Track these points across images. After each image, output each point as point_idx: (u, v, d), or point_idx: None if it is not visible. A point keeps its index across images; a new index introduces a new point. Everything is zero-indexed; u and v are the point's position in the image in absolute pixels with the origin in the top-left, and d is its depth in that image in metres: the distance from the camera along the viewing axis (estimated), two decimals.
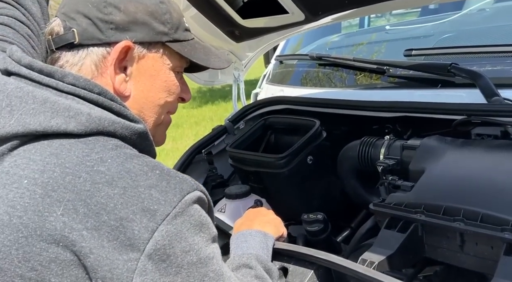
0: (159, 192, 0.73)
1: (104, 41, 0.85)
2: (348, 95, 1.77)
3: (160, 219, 0.71)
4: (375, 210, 1.24)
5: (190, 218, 0.75)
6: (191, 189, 0.77)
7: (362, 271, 0.94)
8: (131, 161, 0.76)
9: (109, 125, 0.79)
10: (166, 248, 0.72)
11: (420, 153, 1.33)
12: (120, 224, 0.70)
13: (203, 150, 1.90)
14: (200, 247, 0.76)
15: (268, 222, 1.15)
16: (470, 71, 1.38)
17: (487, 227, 1.03)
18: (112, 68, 0.86)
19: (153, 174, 0.75)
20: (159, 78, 0.91)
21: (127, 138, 0.81)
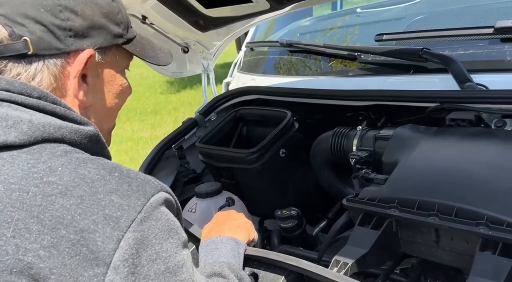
0: (121, 197, 0.68)
1: (64, 50, 0.77)
2: (321, 83, 1.71)
3: (125, 226, 0.66)
4: (349, 206, 1.20)
5: (157, 223, 0.70)
6: (156, 190, 0.72)
7: (333, 277, 0.90)
8: (85, 165, 0.70)
9: (55, 131, 0.72)
10: (134, 258, 0.66)
11: (393, 144, 1.29)
12: (81, 236, 0.64)
13: (173, 145, 1.83)
14: (168, 254, 0.70)
15: (239, 226, 1.09)
16: (442, 56, 1.33)
17: (462, 222, 1.00)
18: (76, 80, 0.79)
19: (111, 178, 0.69)
20: (115, 84, 0.87)
21: (77, 143, 0.75)
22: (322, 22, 2.14)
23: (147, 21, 1.76)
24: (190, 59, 2.00)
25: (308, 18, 2.27)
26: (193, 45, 1.89)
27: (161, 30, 1.82)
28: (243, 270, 0.99)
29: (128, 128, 7.35)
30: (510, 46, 1.29)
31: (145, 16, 1.75)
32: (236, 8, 1.49)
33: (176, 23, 1.73)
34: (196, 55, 1.95)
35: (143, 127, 7.31)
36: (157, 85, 10.55)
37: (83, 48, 0.78)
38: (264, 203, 1.63)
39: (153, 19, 1.75)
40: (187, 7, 1.56)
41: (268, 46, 2.07)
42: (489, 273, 0.91)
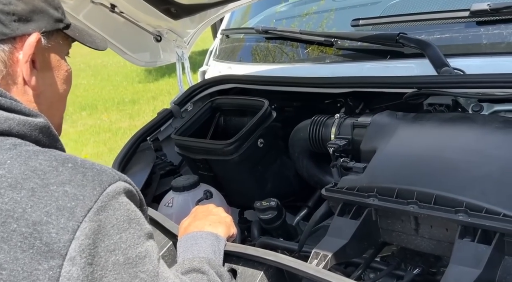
0: (75, 187, 0.66)
1: (10, 35, 0.76)
2: (298, 70, 1.68)
3: (80, 215, 0.64)
4: (328, 196, 1.18)
5: (115, 213, 0.68)
6: (113, 180, 0.70)
7: (312, 272, 0.88)
8: (36, 158, 0.68)
9: (1, 123, 0.70)
10: (91, 248, 0.64)
11: (371, 131, 1.27)
12: (33, 229, 0.62)
13: (148, 137, 1.78)
14: (128, 245, 0.69)
15: (219, 221, 1.06)
16: (418, 41, 1.32)
17: (441, 209, 0.99)
18: (27, 65, 0.78)
19: (64, 169, 0.68)
20: (62, 69, 0.87)
21: (27, 135, 0.73)
22: (298, 7, 2.10)
23: (116, 9, 1.70)
24: (163, 48, 1.94)
25: (284, 3, 2.22)
26: (166, 33, 1.84)
27: (132, 18, 1.75)
28: (223, 266, 0.97)
29: (106, 119, 7.22)
30: (485, 29, 1.28)
31: (114, 4, 1.69)
32: None
33: (146, 11, 1.67)
34: (169, 44, 1.90)
35: (121, 118, 7.19)
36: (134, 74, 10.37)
37: (29, 32, 0.78)
38: (243, 194, 1.60)
39: (123, 7, 1.69)
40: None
41: (244, 33, 2.02)
42: (469, 261, 0.90)
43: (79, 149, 6.02)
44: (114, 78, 10.24)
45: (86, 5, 1.67)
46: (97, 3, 1.67)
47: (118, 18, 1.73)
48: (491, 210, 0.93)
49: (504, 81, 1.16)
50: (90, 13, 1.69)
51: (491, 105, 1.21)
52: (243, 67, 1.90)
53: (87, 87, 9.77)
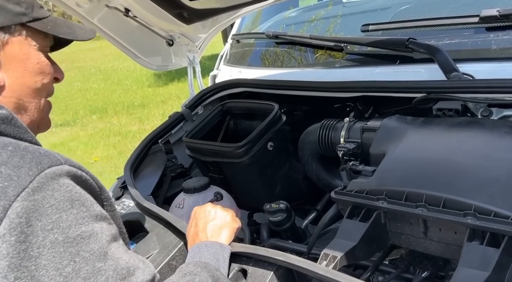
0: (11, 168, 0.70)
1: None
2: (308, 75, 1.70)
3: (12, 195, 0.67)
4: (337, 199, 1.19)
5: (54, 193, 0.70)
6: (54, 163, 0.73)
7: (322, 272, 0.89)
8: None
9: None
10: (22, 226, 0.66)
11: (380, 135, 1.28)
12: None
13: (159, 140, 1.81)
14: (68, 225, 0.70)
15: (220, 227, 1.07)
16: (428, 46, 1.33)
17: (449, 213, 1.00)
18: None
19: (3, 151, 0.72)
20: (31, 61, 0.88)
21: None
22: (308, 13, 2.12)
23: (130, 14, 1.73)
24: (175, 52, 1.97)
25: (293, 9, 2.25)
26: (178, 38, 1.87)
27: (145, 23, 1.79)
28: (221, 272, 0.96)
29: (116, 122, 7.29)
30: (495, 35, 1.29)
31: (128, 9, 1.72)
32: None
33: (159, 15, 1.70)
34: (181, 48, 1.93)
35: (131, 121, 7.25)
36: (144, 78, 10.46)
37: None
38: (253, 197, 1.62)
39: (136, 11, 1.72)
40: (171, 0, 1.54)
41: (254, 38, 2.05)
42: (477, 263, 0.91)
43: (89, 151, 6.08)
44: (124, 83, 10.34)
45: (100, 9, 1.70)
46: (111, 7, 1.70)
47: (131, 22, 1.76)
48: (499, 213, 0.94)
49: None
50: (104, 17, 1.73)
51: (500, 110, 1.22)
52: (253, 71, 1.92)
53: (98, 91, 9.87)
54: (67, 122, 7.71)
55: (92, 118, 7.68)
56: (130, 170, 1.57)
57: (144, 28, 1.82)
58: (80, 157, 5.88)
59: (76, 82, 11.25)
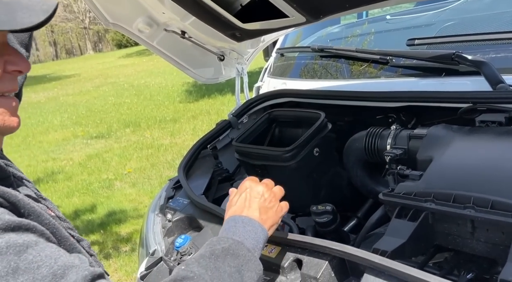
0: None
1: None
2: (352, 86, 1.78)
3: None
4: (385, 200, 1.25)
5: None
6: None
7: (377, 260, 0.96)
8: None
9: None
10: None
11: (427, 142, 1.34)
12: None
13: (208, 145, 1.91)
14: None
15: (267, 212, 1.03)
16: (474, 59, 1.39)
17: (497, 213, 1.05)
18: None
19: None
20: None
21: None
22: (350, 29, 2.21)
23: (186, 35, 1.86)
24: (225, 65, 2.09)
25: (336, 25, 2.34)
26: (229, 53, 1.99)
27: (199, 42, 1.91)
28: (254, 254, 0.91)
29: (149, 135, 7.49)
30: None
31: (184, 31, 1.85)
32: (272, 22, 1.56)
33: (213, 35, 1.83)
34: (231, 61, 2.04)
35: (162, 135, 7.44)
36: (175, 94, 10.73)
37: None
38: (298, 200, 1.68)
39: (191, 33, 1.86)
40: (225, 22, 1.65)
41: (299, 52, 2.15)
42: None
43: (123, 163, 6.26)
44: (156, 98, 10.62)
45: (159, 33, 1.85)
46: (169, 31, 1.84)
47: (187, 43, 1.89)
48: None
49: None
50: (163, 40, 1.88)
51: None
52: (297, 82, 2.01)
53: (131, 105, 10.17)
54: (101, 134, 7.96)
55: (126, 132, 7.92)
56: (183, 171, 1.67)
57: (198, 47, 1.94)
58: (114, 168, 6.07)
59: (110, 97, 11.63)
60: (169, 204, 1.58)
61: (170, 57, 1.96)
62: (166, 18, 1.76)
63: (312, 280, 1.05)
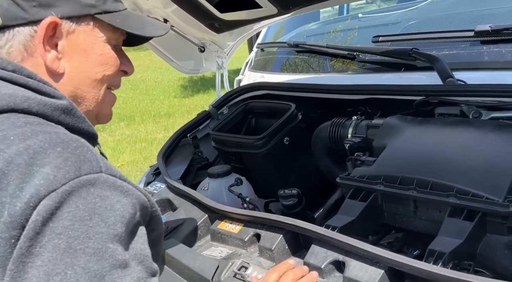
0: (52, 169, 0.69)
1: (29, 19, 0.82)
2: (323, 80, 1.89)
3: (43, 194, 0.67)
4: (341, 183, 1.37)
5: (78, 200, 0.69)
6: (94, 170, 0.71)
7: (323, 232, 1.07)
8: (35, 137, 0.72)
9: (21, 102, 0.75)
10: (38, 224, 0.66)
11: (382, 131, 1.46)
12: (8, 201, 0.67)
13: (188, 134, 2.02)
14: (77, 235, 0.67)
15: None
16: (428, 55, 1.51)
17: (435, 194, 1.17)
18: (41, 46, 0.83)
19: (52, 152, 0.70)
20: (94, 52, 0.88)
21: (48, 115, 0.77)
22: (327, 26, 2.33)
23: (168, 23, 1.97)
24: (206, 57, 2.20)
25: (315, 22, 2.46)
26: (209, 45, 2.10)
27: (181, 31, 2.02)
28: None
29: (143, 129, 7.58)
30: (487, 47, 1.46)
31: (166, 19, 1.96)
32: (248, 12, 1.68)
33: (194, 25, 1.93)
34: (211, 54, 2.15)
35: (156, 129, 7.53)
36: (171, 89, 10.81)
37: (48, 17, 0.82)
38: (269, 186, 1.81)
39: (173, 22, 1.96)
40: (204, 11, 1.76)
41: (277, 47, 2.26)
42: (454, 233, 1.07)
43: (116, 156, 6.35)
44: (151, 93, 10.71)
45: None
46: (152, 17, 1.95)
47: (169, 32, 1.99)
48: (476, 194, 1.10)
49: (500, 90, 1.33)
50: None
51: (489, 112, 1.38)
52: (275, 76, 2.13)
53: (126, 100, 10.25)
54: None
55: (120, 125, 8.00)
56: (162, 157, 1.78)
57: (180, 36, 2.05)
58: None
59: None
60: (147, 188, 1.70)
61: (152, 45, 2.06)
62: (149, 5, 1.85)
63: (268, 251, 1.17)
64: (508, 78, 1.39)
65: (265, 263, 1.15)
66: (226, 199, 1.61)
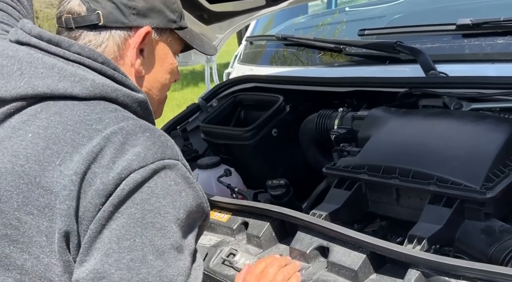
0: (143, 148, 0.78)
1: (127, 25, 0.92)
2: (311, 72, 1.93)
3: (133, 168, 0.76)
4: (327, 173, 1.41)
5: (158, 179, 0.78)
6: (174, 157, 0.81)
7: (307, 219, 1.12)
8: (127, 121, 0.82)
9: (111, 91, 0.85)
10: (122, 194, 0.75)
11: (367, 122, 1.50)
12: (102, 171, 0.76)
13: (178, 127, 2.05)
14: (151, 209, 0.76)
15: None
16: (411, 48, 1.55)
17: (417, 182, 1.21)
18: (134, 51, 0.93)
19: (142, 135, 0.80)
20: (167, 61, 1.00)
21: (128, 105, 0.88)
22: (315, 19, 2.36)
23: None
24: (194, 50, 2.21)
25: (303, 15, 2.49)
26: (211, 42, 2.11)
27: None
28: None
29: None
30: (468, 41, 1.51)
31: None
32: (236, 3, 1.70)
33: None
34: None
35: None
36: None
37: (142, 25, 0.93)
38: (258, 177, 1.84)
39: None
40: (193, 2, 1.78)
41: (265, 40, 2.29)
42: (433, 219, 1.12)
43: None
44: None
45: None
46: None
47: None
48: (455, 182, 1.15)
49: (480, 82, 1.38)
50: None
51: (469, 103, 1.42)
52: (263, 69, 2.16)
53: None
54: None
55: None
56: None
57: None
58: None
59: None
60: None
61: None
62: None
63: (255, 238, 1.21)
64: (488, 71, 1.44)
65: (253, 250, 1.19)
66: (215, 189, 1.65)
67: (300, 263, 1.07)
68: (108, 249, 0.74)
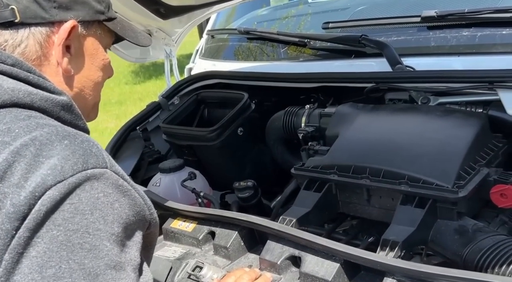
0: (60, 160, 0.69)
1: (48, 20, 0.83)
2: (275, 68, 1.86)
3: (49, 184, 0.67)
4: (296, 174, 1.36)
5: (81, 194, 0.69)
6: (99, 165, 0.72)
7: (277, 227, 1.06)
8: (41, 129, 0.72)
9: (24, 96, 0.75)
10: (39, 215, 0.65)
11: (335, 120, 1.46)
12: (12, 191, 0.66)
13: (137, 127, 1.94)
14: (76, 228, 0.67)
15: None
16: (377, 42, 1.51)
17: (388, 182, 1.18)
18: (60, 48, 0.85)
19: (59, 144, 0.71)
20: (98, 57, 0.92)
21: (48, 110, 0.78)
22: (278, 11, 2.29)
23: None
24: (153, 45, 2.10)
25: (266, 7, 2.41)
26: (156, 32, 2.00)
27: (124, 17, 1.91)
28: None
29: None
30: (434, 33, 1.48)
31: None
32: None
33: (137, 11, 1.83)
34: (158, 42, 2.06)
35: (107, 118, 7.28)
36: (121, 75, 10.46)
37: (66, 19, 0.84)
38: (224, 178, 1.77)
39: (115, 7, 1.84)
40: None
41: (227, 34, 2.20)
42: (406, 221, 1.09)
43: None
44: None
45: None
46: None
47: None
48: (427, 181, 1.12)
49: (446, 76, 1.36)
50: None
51: (436, 98, 1.40)
52: (226, 64, 2.07)
53: None
54: None
55: None
56: (110, 152, 1.71)
57: None
58: None
59: None
60: None
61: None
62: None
63: (223, 249, 1.15)
64: (454, 64, 1.41)
65: (221, 262, 1.13)
66: (179, 194, 1.57)
67: (271, 275, 1.02)
68: (29, 281, 0.64)
